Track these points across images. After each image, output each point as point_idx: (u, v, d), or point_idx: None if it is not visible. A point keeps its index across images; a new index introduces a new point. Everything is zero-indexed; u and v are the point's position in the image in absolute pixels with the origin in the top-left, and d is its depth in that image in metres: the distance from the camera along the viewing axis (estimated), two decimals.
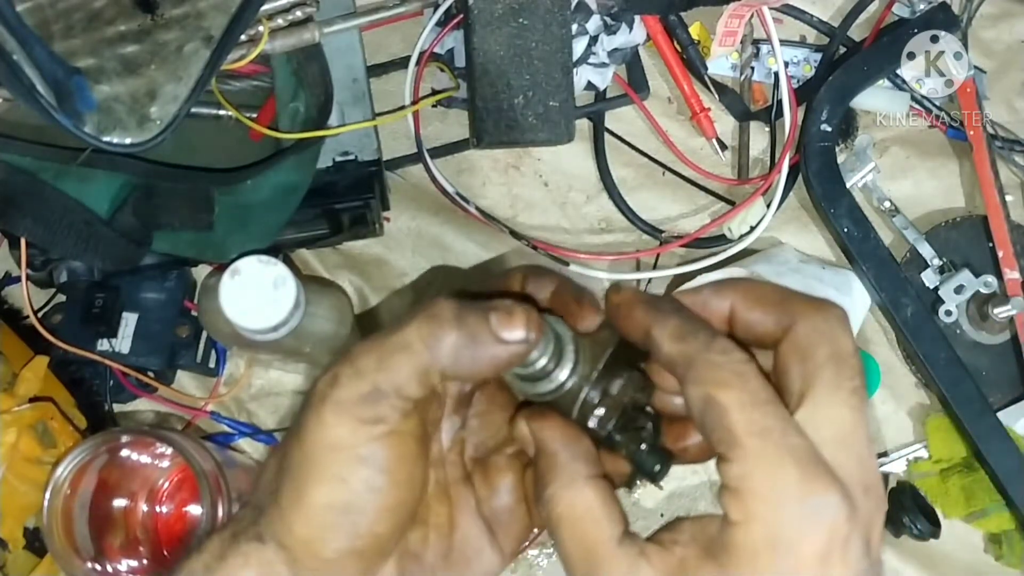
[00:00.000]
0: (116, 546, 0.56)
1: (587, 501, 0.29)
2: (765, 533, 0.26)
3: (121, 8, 0.54)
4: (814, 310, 0.30)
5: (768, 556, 0.26)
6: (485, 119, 0.65)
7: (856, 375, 0.29)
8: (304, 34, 0.61)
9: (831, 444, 0.27)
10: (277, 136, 0.60)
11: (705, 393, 0.28)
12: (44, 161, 0.55)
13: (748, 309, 0.31)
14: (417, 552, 0.32)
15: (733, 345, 0.29)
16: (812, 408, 0.28)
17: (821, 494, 0.26)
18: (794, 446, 0.27)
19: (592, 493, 0.30)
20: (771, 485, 0.26)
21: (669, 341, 0.29)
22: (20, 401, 0.56)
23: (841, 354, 0.29)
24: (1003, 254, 0.69)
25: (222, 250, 0.59)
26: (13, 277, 0.66)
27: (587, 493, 0.30)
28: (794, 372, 0.29)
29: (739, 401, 0.27)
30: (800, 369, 0.29)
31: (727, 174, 0.72)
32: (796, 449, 0.27)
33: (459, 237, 0.69)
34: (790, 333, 0.29)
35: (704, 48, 0.71)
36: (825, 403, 0.28)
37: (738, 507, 0.27)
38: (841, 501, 0.26)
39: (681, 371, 0.29)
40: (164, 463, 0.58)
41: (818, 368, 0.28)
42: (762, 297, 0.31)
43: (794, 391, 0.29)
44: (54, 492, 0.52)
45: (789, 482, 0.26)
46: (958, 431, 0.67)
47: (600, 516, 0.29)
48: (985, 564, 0.68)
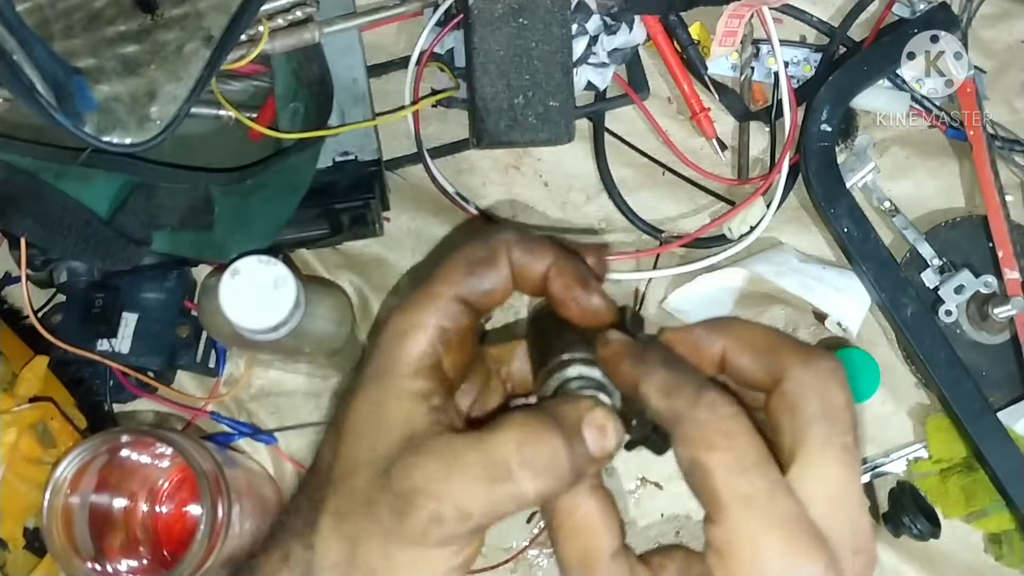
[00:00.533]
0: (116, 546, 0.56)
1: (588, 509, 0.30)
2: None
3: (121, 8, 0.54)
4: (803, 361, 0.29)
5: None
6: (485, 119, 0.65)
7: (847, 430, 0.28)
8: (304, 34, 0.61)
9: (822, 503, 0.27)
10: (277, 136, 0.60)
11: (691, 455, 0.28)
12: (44, 161, 0.55)
13: (739, 354, 0.30)
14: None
15: (722, 398, 0.28)
16: (803, 466, 0.28)
17: (805, 564, 0.26)
18: (780, 513, 0.27)
19: (593, 502, 0.30)
20: (753, 553, 0.26)
21: (656, 397, 0.29)
22: (20, 401, 0.56)
23: (832, 410, 0.28)
24: (1003, 254, 0.69)
25: (222, 250, 0.59)
26: (13, 277, 0.66)
27: (589, 502, 0.30)
28: (784, 427, 0.29)
29: (724, 464, 0.27)
30: (790, 425, 0.28)
31: (727, 174, 0.72)
32: (782, 516, 0.27)
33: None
34: (780, 386, 0.29)
35: (704, 48, 0.71)
36: (816, 462, 0.28)
37: (721, 568, 0.27)
38: (825, 569, 0.26)
39: (670, 428, 0.29)
40: (164, 463, 0.58)
41: (808, 425, 0.28)
42: (753, 341, 0.30)
43: (785, 446, 0.28)
44: (54, 492, 0.52)
45: (772, 550, 0.26)
46: (958, 431, 0.67)
47: (599, 526, 0.29)
48: (985, 564, 0.68)
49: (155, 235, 0.59)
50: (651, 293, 0.69)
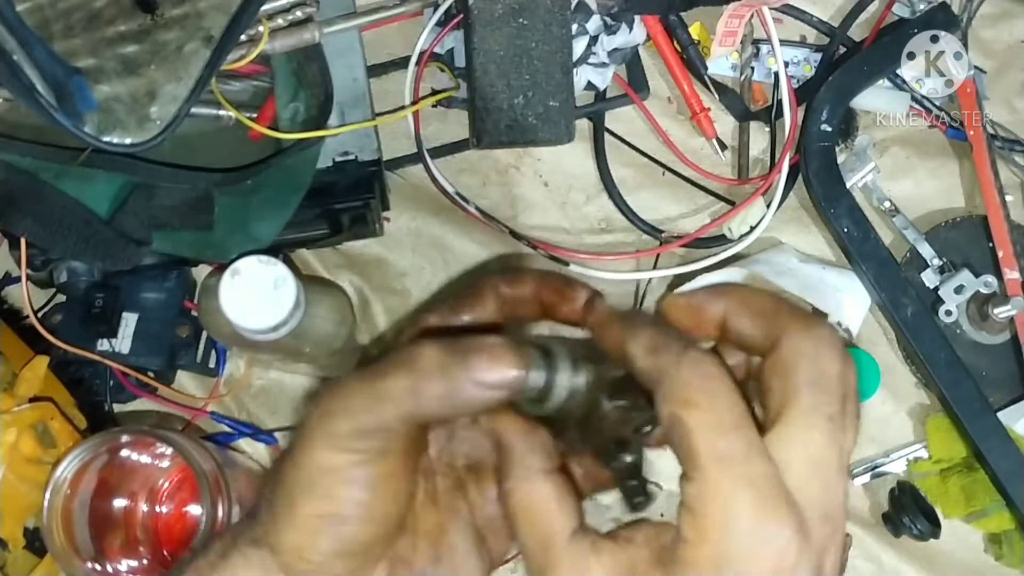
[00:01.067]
0: (116, 546, 0.57)
1: (542, 494, 0.30)
2: (714, 555, 0.26)
3: (121, 8, 0.54)
4: (801, 327, 0.29)
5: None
6: (485, 119, 0.65)
7: (835, 401, 0.28)
8: (304, 34, 0.61)
9: (798, 466, 0.27)
10: (277, 136, 0.60)
11: (671, 411, 0.28)
12: (44, 161, 0.55)
13: (739, 316, 0.30)
14: (406, 558, 0.33)
15: (707, 358, 0.28)
16: (784, 429, 0.28)
17: (774, 525, 0.26)
18: (755, 474, 0.27)
19: (547, 487, 0.30)
20: (724, 511, 0.26)
21: (642, 354, 0.29)
22: (20, 401, 0.56)
23: (823, 377, 0.28)
24: (1003, 254, 0.69)
25: (222, 250, 0.59)
26: (13, 277, 0.66)
27: (542, 486, 0.30)
28: (774, 390, 0.28)
29: (703, 423, 0.27)
30: (780, 387, 0.28)
31: (727, 174, 0.72)
32: (756, 477, 0.27)
33: (459, 237, 0.69)
34: (775, 349, 0.29)
35: (704, 48, 0.71)
36: (799, 425, 0.28)
37: (692, 526, 0.27)
38: (794, 533, 0.26)
39: (654, 386, 0.29)
40: (164, 463, 0.58)
41: (797, 389, 0.28)
42: (754, 305, 0.30)
43: (771, 409, 0.28)
44: (54, 492, 0.52)
45: (744, 511, 0.26)
46: (958, 431, 0.67)
47: (554, 509, 0.30)
48: (985, 564, 0.68)
49: (155, 235, 0.59)
50: (651, 293, 0.69)
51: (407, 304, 0.69)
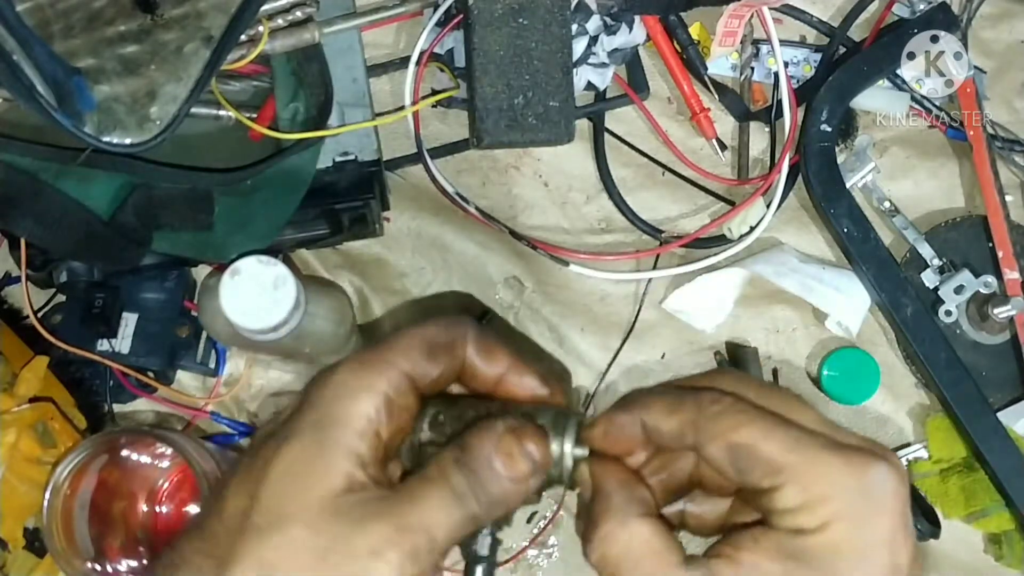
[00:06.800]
0: (116, 546, 0.57)
1: (644, 535, 0.30)
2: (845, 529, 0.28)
3: (121, 8, 0.54)
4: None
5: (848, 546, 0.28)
6: (485, 119, 0.65)
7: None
8: (304, 34, 0.61)
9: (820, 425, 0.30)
10: (277, 136, 0.60)
11: (726, 443, 0.30)
12: (44, 161, 0.55)
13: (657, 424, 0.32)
14: None
15: (715, 394, 0.31)
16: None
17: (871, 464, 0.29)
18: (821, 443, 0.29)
19: (648, 528, 0.30)
20: (829, 483, 0.28)
21: (664, 422, 0.31)
22: (20, 401, 0.56)
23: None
24: (1003, 254, 0.69)
25: (222, 250, 0.59)
26: (13, 277, 0.66)
27: (643, 528, 0.30)
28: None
29: (760, 432, 0.29)
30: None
31: (727, 174, 0.72)
32: (826, 444, 0.29)
33: (459, 237, 0.69)
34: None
35: (704, 48, 0.71)
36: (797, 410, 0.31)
37: (809, 518, 0.28)
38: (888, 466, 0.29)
39: (691, 440, 0.31)
40: (164, 463, 0.59)
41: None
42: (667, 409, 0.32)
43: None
44: (54, 492, 0.52)
45: (841, 473, 0.28)
46: (958, 431, 0.67)
47: (660, 548, 0.30)
48: (985, 564, 0.68)
49: (155, 235, 0.59)
50: (651, 293, 0.69)
51: (407, 308, 0.69)
